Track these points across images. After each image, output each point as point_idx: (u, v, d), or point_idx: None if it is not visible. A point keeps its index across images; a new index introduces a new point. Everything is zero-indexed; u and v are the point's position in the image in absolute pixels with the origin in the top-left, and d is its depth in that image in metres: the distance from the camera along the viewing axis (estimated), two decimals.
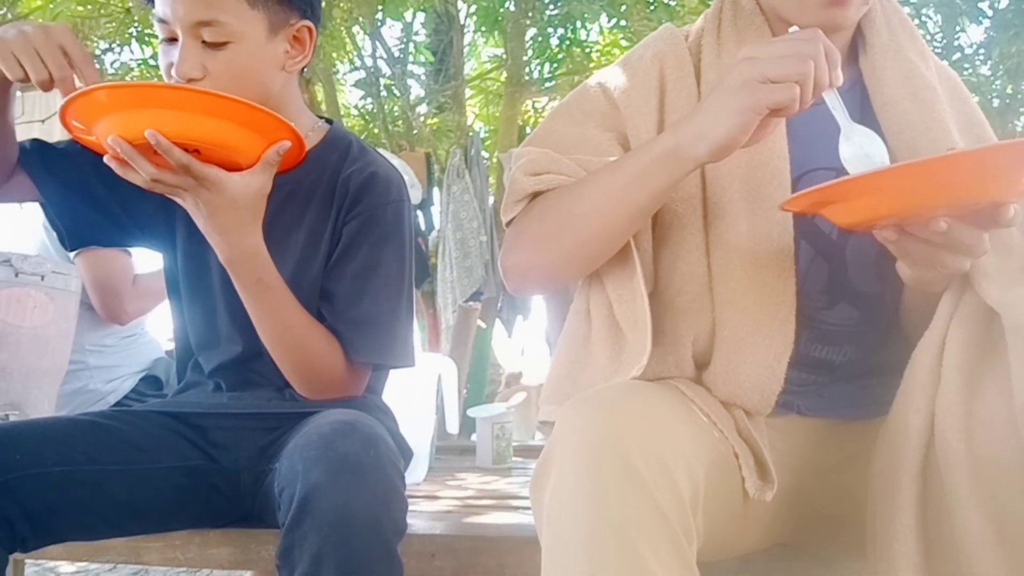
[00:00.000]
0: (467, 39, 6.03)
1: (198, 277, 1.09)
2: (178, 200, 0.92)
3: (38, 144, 1.06)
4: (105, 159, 0.86)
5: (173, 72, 0.97)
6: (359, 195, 1.09)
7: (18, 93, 0.98)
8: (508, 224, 0.94)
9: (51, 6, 4.42)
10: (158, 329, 2.09)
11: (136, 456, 0.98)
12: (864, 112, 0.91)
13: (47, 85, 0.88)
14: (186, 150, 0.84)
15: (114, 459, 0.96)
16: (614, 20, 5.04)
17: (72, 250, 1.21)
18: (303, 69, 1.11)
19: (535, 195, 0.90)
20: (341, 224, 1.09)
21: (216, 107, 0.83)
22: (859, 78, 0.92)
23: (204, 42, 0.97)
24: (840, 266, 0.90)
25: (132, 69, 5.65)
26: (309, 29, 1.07)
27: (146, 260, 1.92)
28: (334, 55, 5.23)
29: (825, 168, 0.88)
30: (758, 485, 0.79)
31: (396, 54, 5.83)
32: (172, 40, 0.99)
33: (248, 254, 0.96)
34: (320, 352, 1.03)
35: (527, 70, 5.46)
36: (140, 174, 0.85)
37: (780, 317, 0.83)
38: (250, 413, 1.06)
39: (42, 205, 1.07)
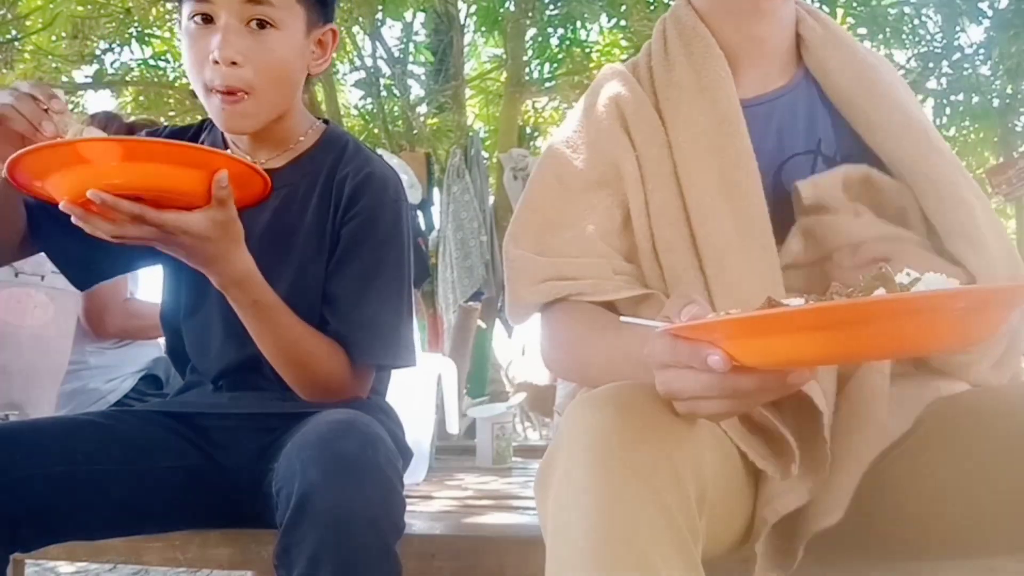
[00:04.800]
0: (467, 39, 6.04)
1: (195, 287, 1.08)
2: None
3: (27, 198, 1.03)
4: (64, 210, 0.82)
5: (215, 55, 0.96)
6: (356, 196, 1.07)
7: None
8: (529, 315, 0.98)
9: (51, 6, 4.43)
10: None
11: (136, 456, 0.98)
12: (821, 100, 0.96)
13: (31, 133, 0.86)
14: (135, 199, 0.81)
15: (115, 459, 0.96)
16: (614, 20, 5.05)
17: (82, 290, 1.22)
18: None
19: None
20: (339, 225, 1.08)
21: (149, 152, 0.80)
22: (806, 73, 0.97)
23: (247, 25, 0.97)
24: None
25: (132, 69, 5.66)
26: (334, 33, 1.09)
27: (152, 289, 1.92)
28: (334, 55, 5.23)
29: (803, 152, 0.93)
30: (775, 465, 0.77)
31: (396, 54, 5.84)
32: (207, 20, 0.97)
33: (237, 280, 0.94)
34: (323, 361, 1.03)
35: (527, 70, 5.47)
36: (100, 233, 0.83)
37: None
38: (250, 413, 1.06)
39: (46, 253, 1.08)
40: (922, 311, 0.50)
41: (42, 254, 1.57)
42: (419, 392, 1.58)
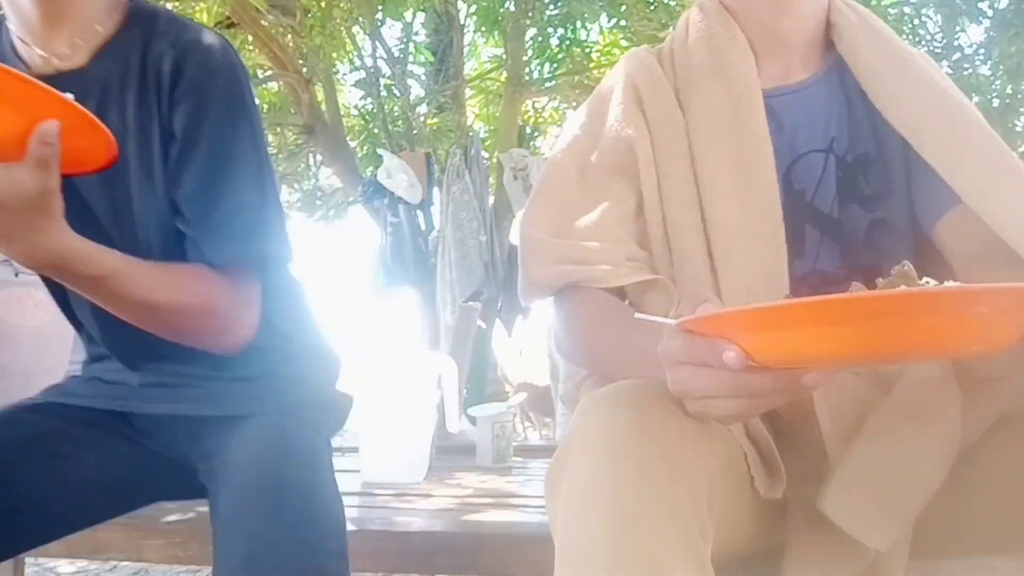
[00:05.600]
0: (467, 39, 6.04)
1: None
2: None
3: None
4: None
5: None
6: (177, 73, 0.89)
7: None
8: (541, 296, 0.97)
9: None
10: None
11: (65, 463, 0.91)
12: (843, 94, 0.94)
13: None
14: None
15: (44, 472, 0.89)
16: (614, 20, 5.05)
17: None
18: None
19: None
20: (168, 114, 0.89)
21: None
22: (833, 65, 0.96)
23: None
24: (844, 242, 0.92)
25: None
26: None
27: None
28: (334, 55, 5.23)
29: (816, 151, 0.93)
30: (767, 483, 0.78)
31: (396, 54, 5.83)
32: None
33: (51, 263, 0.74)
34: (190, 300, 0.86)
35: (527, 70, 5.47)
36: None
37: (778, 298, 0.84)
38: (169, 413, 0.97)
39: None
40: (952, 307, 0.49)
41: None
42: (419, 392, 1.58)
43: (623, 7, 4.74)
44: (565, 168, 0.99)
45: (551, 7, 5.00)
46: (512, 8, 4.98)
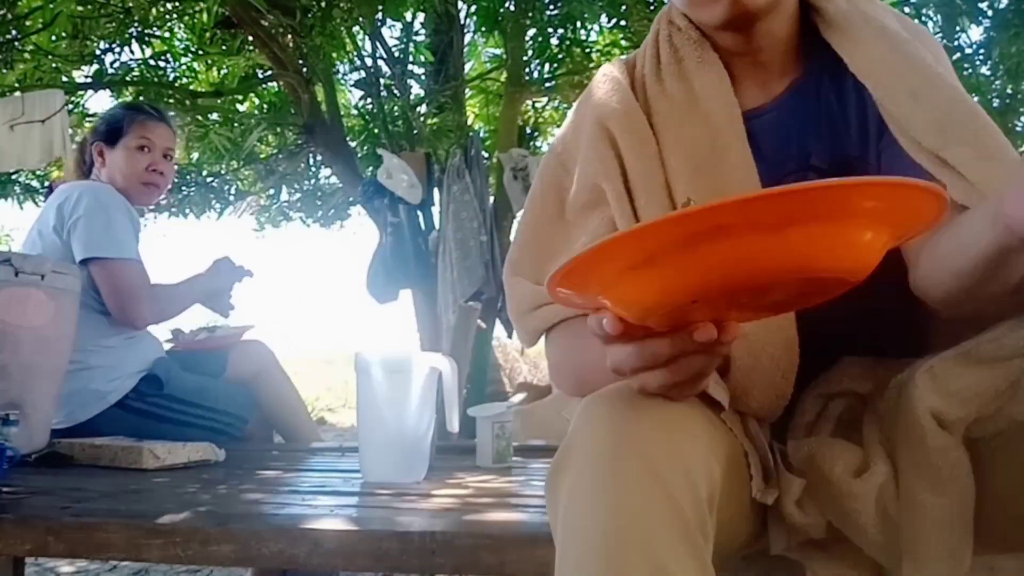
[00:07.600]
0: (467, 39, 6.04)
1: None
2: None
3: None
4: None
5: None
6: None
7: (17, 93, 0.92)
8: (536, 340, 0.97)
9: (51, 6, 4.42)
10: (158, 329, 2.09)
11: None
12: (836, 87, 0.89)
13: None
14: None
15: None
16: (614, 20, 5.05)
17: None
18: None
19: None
20: None
21: None
22: (817, 64, 0.90)
23: None
24: None
25: (132, 69, 5.66)
26: None
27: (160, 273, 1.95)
28: (334, 55, 5.23)
29: (794, 171, 0.89)
30: (761, 487, 0.78)
31: (396, 54, 5.83)
32: None
33: None
34: None
35: (527, 70, 5.47)
36: None
37: (781, 335, 0.82)
38: None
39: None
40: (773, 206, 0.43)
41: (42, 253, 1.57)
42: (419, 392, 1.58)
43: (623, 7, 4.74)
44: (544, 207, 0.98)
45: (551, 7, 5.00)
46: (512, 8, 4.97)
